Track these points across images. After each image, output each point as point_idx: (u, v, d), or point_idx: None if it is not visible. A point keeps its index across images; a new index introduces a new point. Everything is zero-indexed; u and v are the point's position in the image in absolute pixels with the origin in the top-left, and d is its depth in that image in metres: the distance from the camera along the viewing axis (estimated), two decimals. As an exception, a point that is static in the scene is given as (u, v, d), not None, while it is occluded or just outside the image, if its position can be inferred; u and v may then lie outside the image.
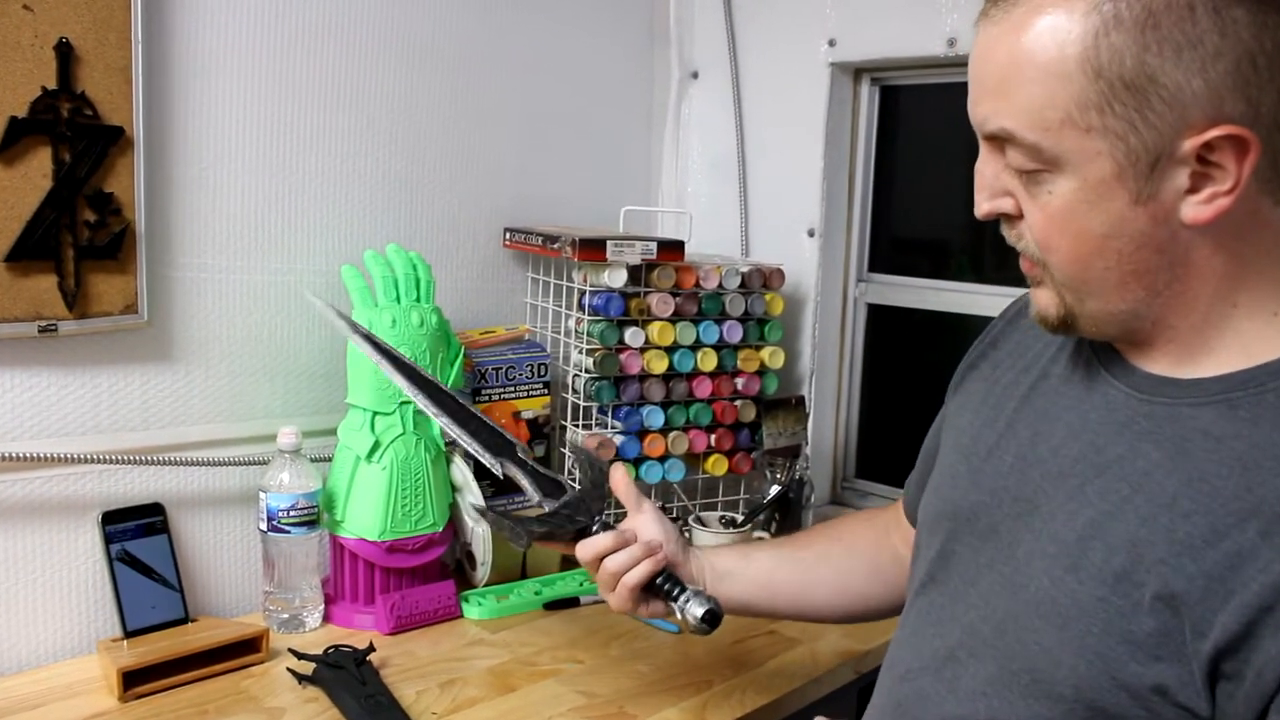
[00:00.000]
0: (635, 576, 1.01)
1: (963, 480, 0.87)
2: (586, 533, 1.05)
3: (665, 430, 1.60)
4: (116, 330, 1.23)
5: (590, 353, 1.54)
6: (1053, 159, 0.70)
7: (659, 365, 1.56)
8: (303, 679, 1.16)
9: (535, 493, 1.09)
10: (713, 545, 1.25)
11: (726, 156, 1.85)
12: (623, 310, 1.53)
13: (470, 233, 1.62)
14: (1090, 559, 0.72)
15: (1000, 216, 0.76)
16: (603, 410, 1.57)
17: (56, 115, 1.13)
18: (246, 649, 1.20)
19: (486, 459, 1.11)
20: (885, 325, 1.86)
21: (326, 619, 1.34)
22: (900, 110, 1.80)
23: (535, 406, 1.58)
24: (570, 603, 1.43)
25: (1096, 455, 0.76)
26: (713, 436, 1.64)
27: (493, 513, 1.09)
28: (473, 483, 1.41)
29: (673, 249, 1.55)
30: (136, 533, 1.24)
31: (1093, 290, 0.73)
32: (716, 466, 1.65)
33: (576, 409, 1.57)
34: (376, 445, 1.32)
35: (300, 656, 1.17)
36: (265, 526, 1.29)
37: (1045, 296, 0.77)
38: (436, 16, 1.52)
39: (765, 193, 1.83)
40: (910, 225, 1.85)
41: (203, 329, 1.33)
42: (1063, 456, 0.78)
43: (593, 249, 1.48)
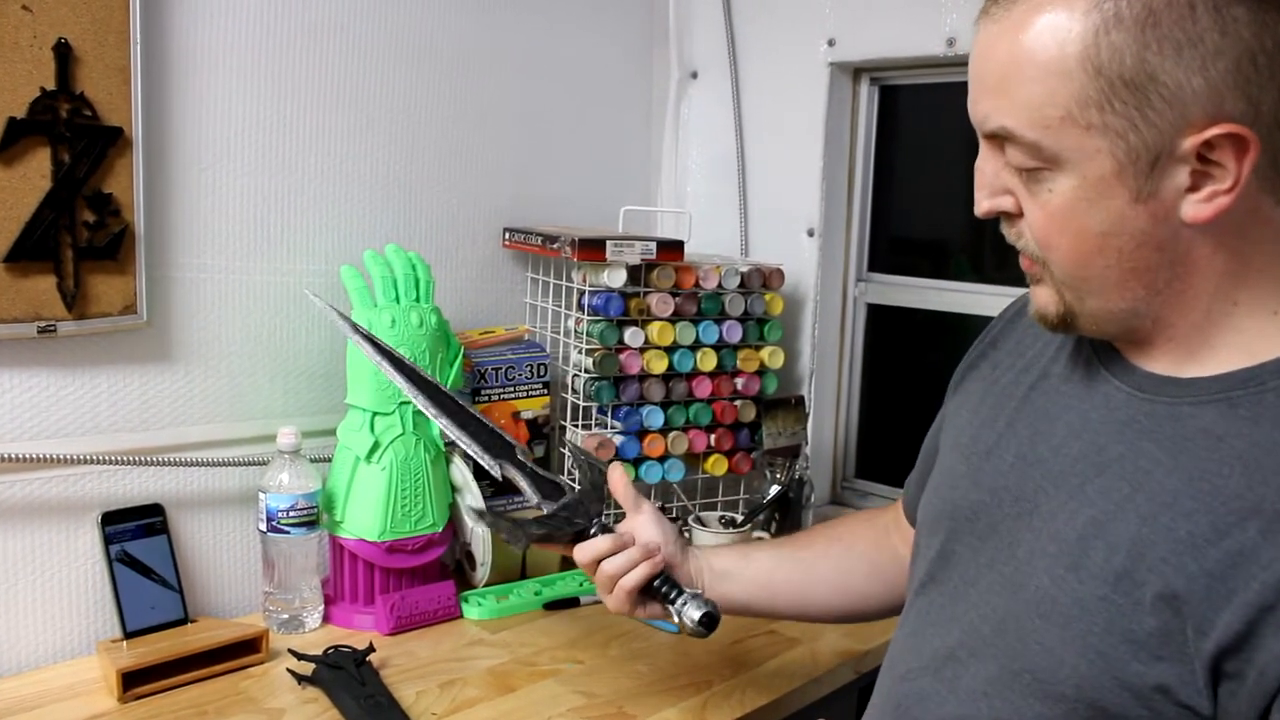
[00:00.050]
0: (632, 579, 1.01)
1: (962, 480, 0.87)
2: (585, 535, 1.05)
3: (665, 430, 1.60)
4: (116, 331, 1.23)
5: (590, 353, 1.54)
6: (1053, 157, 0.70)
7: (659, 365, 1.56)
8: (302, 679, 1.16)
9: (534, 494, 1.09)
10: (712, 545, 1.25)
11: (726, 156, 1.85)
12: (622, 310, 1.53)
13: (469, 233, 1.62)
14: (1091, 558, 0.72)
15: (1000, 215, 0.77)
16: (602, 410, 1.57)
17: (55, 116, 1.13)
18: (246, 650, 1.20)
19: (485, 461, 1.11)
20: (885, 325, 1.86)
21: (326, 619, 1.34)
22: (900, 110, 1.80)
23: (535, 407, 1.58)
24: (570, 603, 1.43)
25: (1097, 454, 0.76)
26: (712, 436, 1.64)
27: (490, 515, 1.09)
28: (472, 483, 1.41)
29: (672, 249, 1.55)
30: (136, 533, 1.24)
31: (1093, 288, 0.73)
32: (716, 466, 1.65)
33: (576, 409, 1.57)
34: (376, 446, 1.32)
35: (300, 657, 1.17)
36: (265, 527, 1.29)
37: (1045, 295, 0.77)
38: (436, 16, 1.52)
39: (765, 193, 1.83)
40: (910, 225, 1.85)
41: (202, 329, 1.33)
42: (1063, 456, 0.78)
43: (592, 249, 1.48)
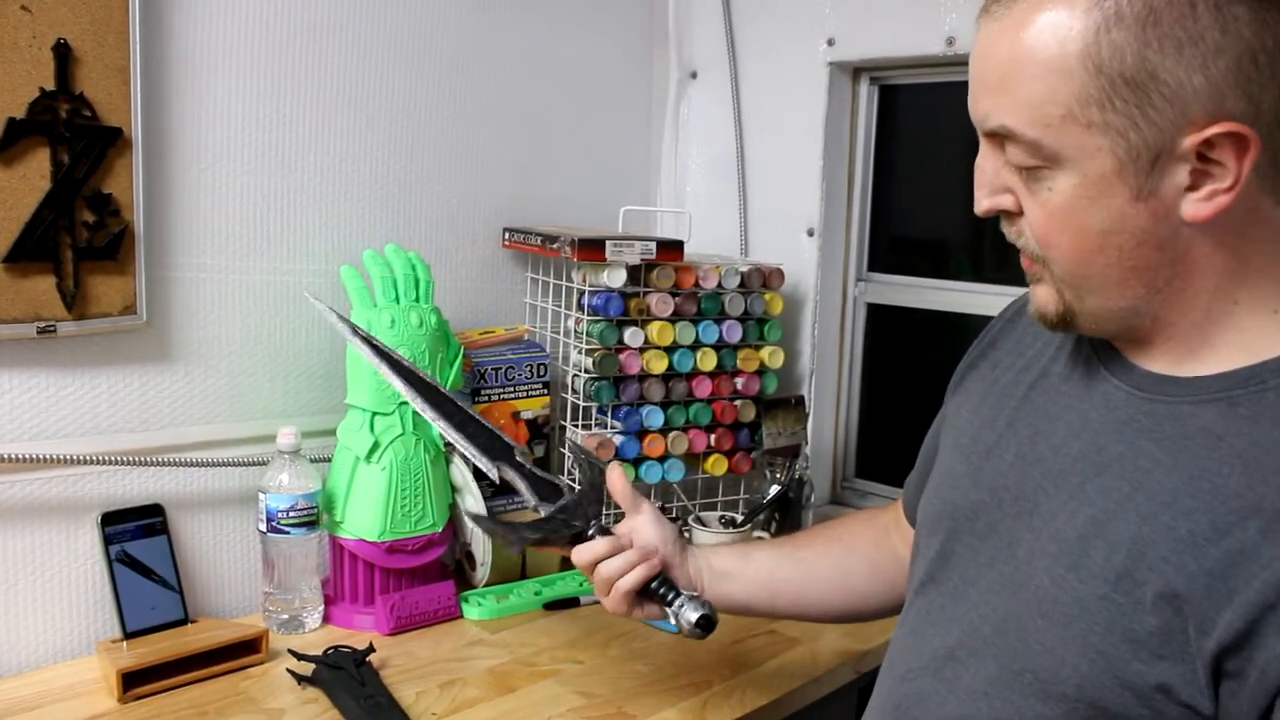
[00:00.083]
0: (629, 582, 1.01)
1: (962, 480, 0.87)
2: (583, 537, 1.05)
3: (665, 430, 1.60)
4: (115, 331, 1.23)
5: (590, 353, 1.54)
6: (1053, 155, 0.70)
7: (658, 365, 1.56)
8: (302, 680, 1.16)
9: (531, 497, 1.09)
10: (712, 545, 1.25)
11: (725, 156, 1.85)
12: (622, 310, 1.53)
13: (469, 233, 1.62)
14: (1091, 557, 0.72)
15: (1000, 213, 0.76)
16: (602, 410, 1.57)
17: (55, 116, 1.13)
18: (246, 650, 1.20)
19: (483, 463, 1.11)
20: (885, 325, 1.85)
21: (326, 620, 1.34)
22: (899, 109, 1.80)
23: (535, 407, 1.58)
24: (570, 603, 1.43)
25: (1097, 454, 0.76)
26: (712, 436, 1.64)
27: (485, 520, 1.09)
28: (472, 484, 1.41)
29: (672, 249, 1.55)
30: (136, 534, 1.24)
31: (1093, 287, 0.73)
32: (716, 466, 1.65)
33: (576, 409, 1.57)
34: (376, 446, 1.32)
35: (300, 657, 1.17)
36: (265, 527, 1.29)
37: (1044, 294, 0.77)
38: (435, 16, 1.52)
39: (764, 192, 1.83)
40: (910, 224, 1.85)
41: (202, 330, 1.33)
42: (1063, 455, 0.78)
43: (592, 249, 1.47)
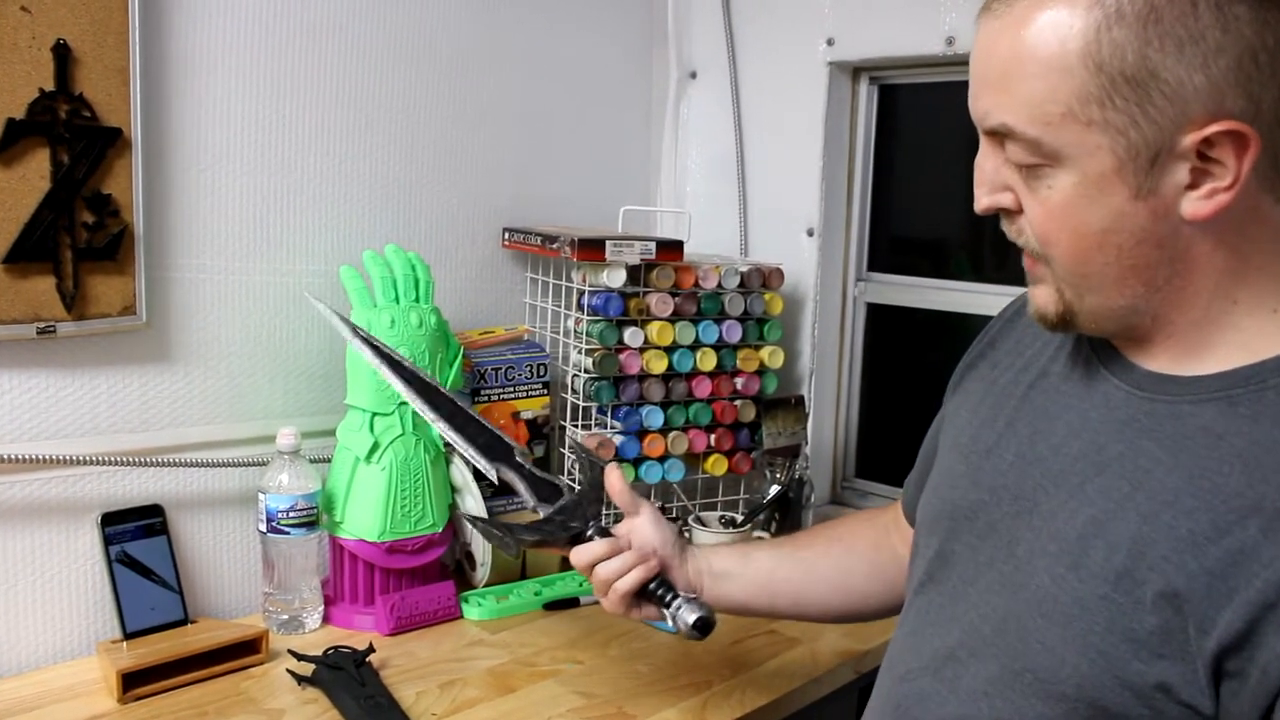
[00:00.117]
0: (627, 583, 1.01)
1: (962, 479, 0.87)
2: (582, 538, 1.05)
3: (665, 430, 1.60)
4: (115, 332, 1.23)
5: (589, 353, 1.54)
6: (1053, 153, 0.70)
7: (658, 365, 1.56)
8: (302, 680, 1.16)
9: (531, 498, 1.09)
10: (712, 545, 1.25)
11: (725, 156, 1.85)
12: (622, 310, 1.53)
13: (469, 233, 1.62)
14: (1092, 557, 0.72)
15: (1000, 212, 0.76)
16: (602, 410, 1.57)
17: (54, 117, 1.13)
18: (246, 650, 1.20)
19: (482, 464, 1.11)
20: (885, 325, 1.85)
21: (326, 620, 1.34)
22: (899, 109, 1.80)
23: (535, 407, 1.58)
24: (570, 603, 1.43)
25: (1097, 453, 0.75)
26: (712, 436, 1.64)
27: (482, 522, 1.09)
28: (472, 484, 1.41)
29: (672, 249, 1.55)
30: (136, 534, 1.24)
31: (1092, 285, 0.73)
32: (716, 466, 1.65)
33: (576, 409, 1.57)
34: (376, 446, 1.32)
35: (300, 658, 1.17)
36: (264, 528, 1.28)
37: (1044, 295, 0.77)
38: (435, 16, 1.52)
39: (764, 192, 1.83)
40: (909, 224, 1.85)
41: (201, 330, 1.33)
42: (1063, 455, 0.78)
43: (591, 249, 1.47)
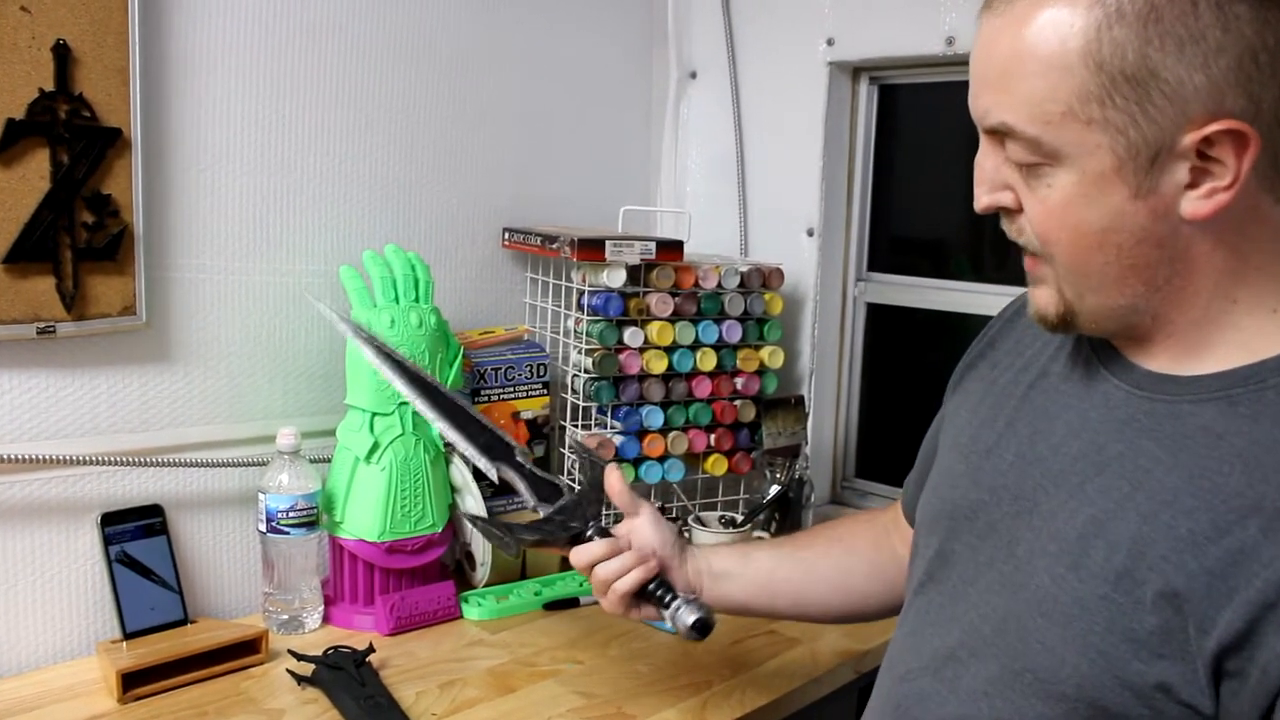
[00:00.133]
0: (626, 584, 1.01)
1: (961, 479, 0.87)
2: (582, 538, 1.05)
3: (665, 430, 1.60)
4: (115, 332, 1.23)
5: (589, 353, 1.54)
6: (1053, 152, 0.70)
7: (658, 365, 1.56)
8: (302, 680, 1.16)
9: (531, 497, 1.09)
10: (712, 545, 1.25)
11: (725, 156, 1.85)
12: (622, 310, 1.53)
13: (469, 233, 1.62)
14: (1092, 557, 0.72)
15: (1000, 211, 0.76)
16: (602, 410, 1.57)
17: (54, 117, 1.13)
18: (246, 650, 1.20)
19: (483, 463, 1.11)
20: (885, 325, 1.85)
21: (326, 620, 1.34)
22: (899, 109, 1.80)
23: (534, 407, 1.58)
24: (570, 603, 1.43)
25: (1097, 453, 0.75)
26: (712, 436, 1.64)
27: (481, 521, 1.09)
28: (472, 484, 1.41)
29: (672, 249, 1.55)
30: (136, 534, 1.24)
31: (1092, 285, 0.73)
32: (716, 466, 1.65)
33: (576, 409, 1.57)
34: (375, 446, 1.32)
35: (300, 658, 1.17)
36: (264, 528, 1.28)
37: (1045, 295, 0.77)
38: (435, 16, 1.52)
39: (764, 192, 1.83)
40: (909, 224, 1.84)
41: (201, 330, 1.32)
42: (1063, 454, 0.78)
43: (591, 249, 1.47)
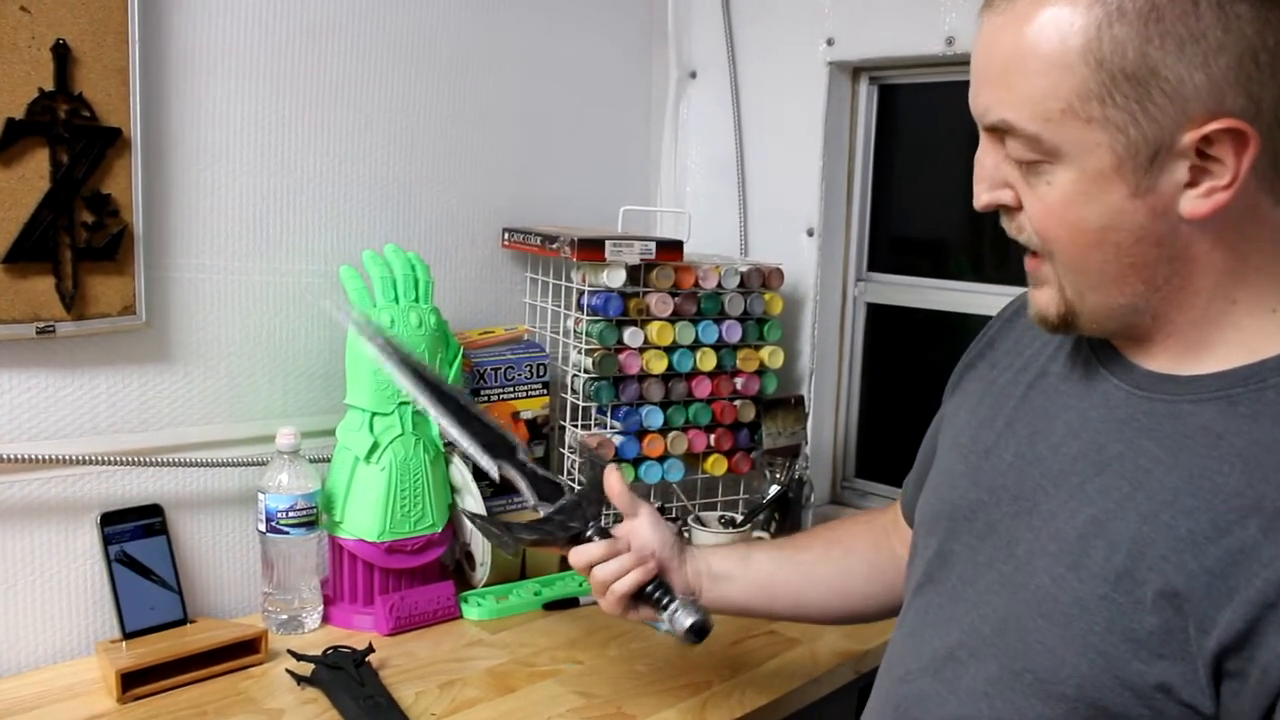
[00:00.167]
0: (624, 585, 1.01)
1: (961, 479, 0.87)
2: (581, 538, 1.05)
3: (664, 430, 1.60)
4: (115, 331, 1.23)
5: (589, 353, 1.54)
6: (1052, 150, 0.70)
7: (658, 365, 1.56)
8: (302, 680, 1.16)
9: (532, 496, 1.09)
10: (712, 545, 1.25)
11: (725, 156, 1.85)
12: (621, 310, 1.53)
13: (469, 233, 1.62)
14: (1092, 557, 0.72)
15: (999, 208, 0.76)
16: (602, 410, 1.57)
17: (54, 117, 1.13)
18: (245, 650, 1.20)
19: (485, 461, 1.11)
20: (885, 325, 1.85)
21: (325, 620, 1.34)
22: (899, 109, 1.79)
23: (534, 407, 1.58)
24: (569, 603, 1.43)
25: (1096, 453, 0.75)
26: (712, 436, 1.64)
27: (481, 520, 1.09)
28: (472, 484, 1.41)
29: (671, 249, 1.55)
30: (135, 534, 1.24)
31: (1092, 283, 0.73)
32: (716, 466, 1.65)
33: (576, 409, 1.57)
34: (375, 446, 1.32)
35: (299, 658, 1.17)
36: (264, 527, 1.28)
37: (1045, 296, 0.77)
38: (435, 16, 1.52)
39: (764, 192, 1.83)
40: (909, 224, 1.84)
41: (201, 330, 1.32)
42: (1062, 454, 0.78)
43: (591, 249, 1.47)
